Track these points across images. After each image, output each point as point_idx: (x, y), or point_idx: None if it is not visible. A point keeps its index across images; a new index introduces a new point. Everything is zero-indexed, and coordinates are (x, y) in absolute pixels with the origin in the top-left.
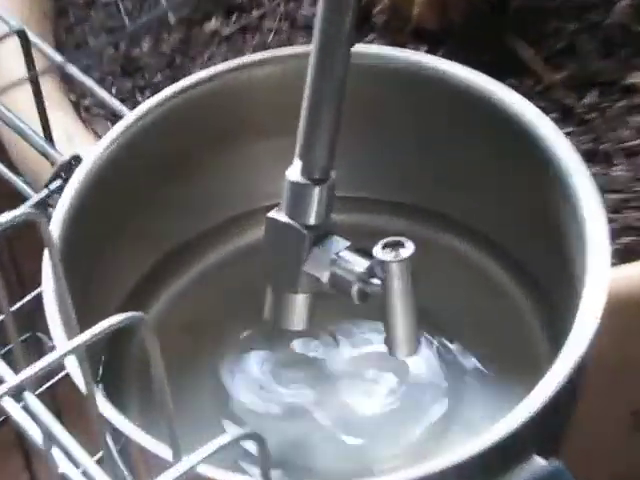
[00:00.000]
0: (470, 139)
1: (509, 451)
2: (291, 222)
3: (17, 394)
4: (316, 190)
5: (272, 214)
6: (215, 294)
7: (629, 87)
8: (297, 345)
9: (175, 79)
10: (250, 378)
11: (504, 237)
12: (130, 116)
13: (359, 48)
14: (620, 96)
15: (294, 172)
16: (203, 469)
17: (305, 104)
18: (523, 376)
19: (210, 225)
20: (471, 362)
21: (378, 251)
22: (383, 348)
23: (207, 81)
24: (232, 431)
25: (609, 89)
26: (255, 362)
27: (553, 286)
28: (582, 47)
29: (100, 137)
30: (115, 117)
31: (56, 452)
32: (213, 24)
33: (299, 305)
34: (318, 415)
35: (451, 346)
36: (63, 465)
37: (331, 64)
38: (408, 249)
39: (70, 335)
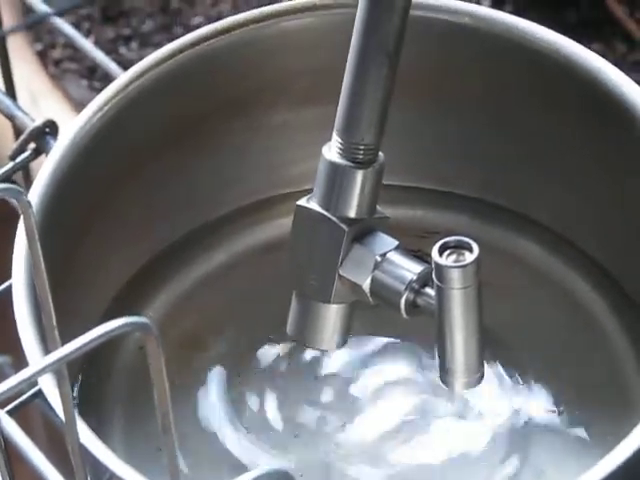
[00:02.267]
0: (557, 119)
1: None
2: (327, 213)
3: None
4: (359, 174)
5: (303, 202)
6: (222, 300)
7: None
8: (322, 366)
9: (170, 27)
10: (262, 402)
11: (594, 245)
12: (122, 78)
13: None
14: None
15: (332, 150)
16: None
17: (350, 65)
18: (610, 420)
19: (218, 215)
20: (545, 401)
21: (436, 254)
22: (436, 377)
23: (222, 33)
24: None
25: None
26: (271, 383)
27: None
28: None
29: (71, 98)
30: (91, 74)
31: None
32: None
33: (332, 318)
34: (343, 454)
35: (520, 379)
36: None
37: (385, 14)
38: (473, 252)
39: (48, 346)
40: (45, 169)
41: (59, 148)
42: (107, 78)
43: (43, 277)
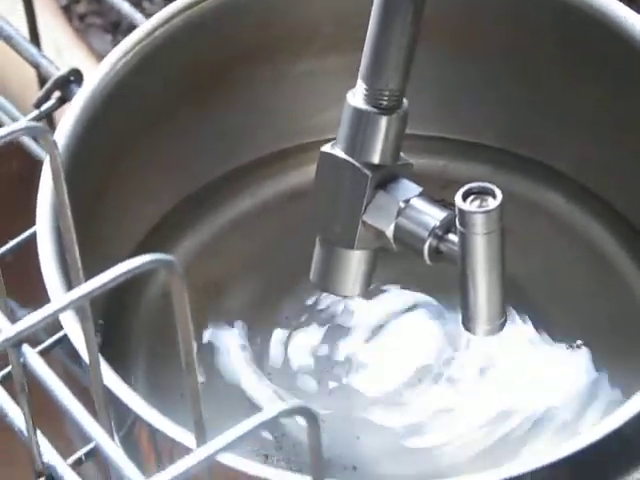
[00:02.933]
0: (582, 71)
1: (616, 455)
2: (350, 159)
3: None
4: (384, 120)
5: (326, 148)
6: (245, 248)
7: None
8: (343, 316)
9: None
10: (286, 354)
11: (617, 195)
12: (147, 24)
13: None
14: None
15: (357, 96)
16: (228, 459)
17: (375, 11)
18: (630, 368)
19: (242, 162)
20: (567, 349)
21: (459, 199)
22: (459, 324)
23: None
24: (275, 406)
25: None
26: (294, 335)
27: None
28: None
29: (95, 52)
30: (115, 29)
31: None
32: None
33: (355, 265)
34: (364, 402)
35: (543, 327)
36: None
37: None
38: (497, 198)
39: (73, 285)
40: (69, 114)
41: (84, 93)
42: (131, 31)
43: (68, 217)
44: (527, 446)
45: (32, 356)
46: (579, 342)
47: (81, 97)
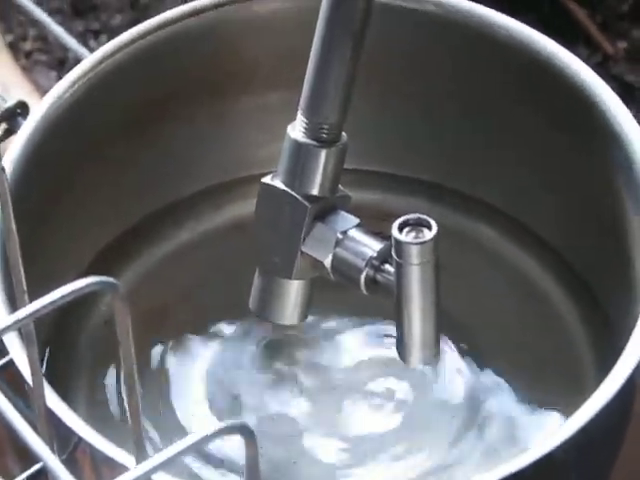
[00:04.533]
0: (516, 106)
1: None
2: (290, 191)
3: None
4: (323, 153)
5: (267, 180)
6: (186, 277)
7: None
8: (286, 344)
9: (139, 22)
10: (225, 382)
11: (549, 229)
12: (92, 57)
13: None
14: None
15: (296, 129)
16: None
17: (316, 46)
18: (560, 396)
19: (185, 195)
20: (500, 378)
21: (396, 230)
22: (393, 354)
23: (191, 15)
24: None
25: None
26: (233, 362)
27: (606, 291)
28: None
29: (41, 88)
30: (61, 66)
31: None
32: None
33: (294, 294)
34: (308, 431)
35: (475, 357)
36: None
37: None
38: (432, 230)
39: (18, 306)
40: (15, 144)
41: (30, 123)
42: None
43: (15, 240)
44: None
45: None
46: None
47: (27, 127)
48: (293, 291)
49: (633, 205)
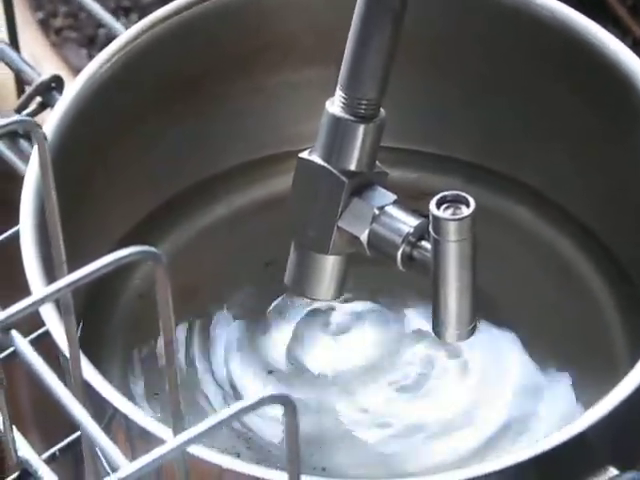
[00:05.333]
0: (554, 85)
1: (578, 459)
2: (327, 166)
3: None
4: (361, 128)
5: (304, 155)
6: (223, 251)
7: None
8: (319, 319)
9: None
10: (256, 359)
11: (586, 211)
12: (127, 33)
13: None
14: None
15: (335, 105)
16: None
17: (355, 22)
18: (595, 377)
19: (219, 170)
20: (534, 358)
21: (433, 207)
22: (428, 329)
23: None
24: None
25: None
26: (266, 336)
27: None
28: None
29: (71, 65)
30: (91, 43)
31: None
32: None
33: (329, 269)
34: (338, 406)
35: (511, 336)
36: None
37: None
38: (470, 207)
39: (57, 277)
40: (53, 116)
41: (67, 96)
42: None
43: (55, 210)
44: (492, 451)
45: (21, 342)
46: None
47: (63, 102)
48: (329, 266)
49: None
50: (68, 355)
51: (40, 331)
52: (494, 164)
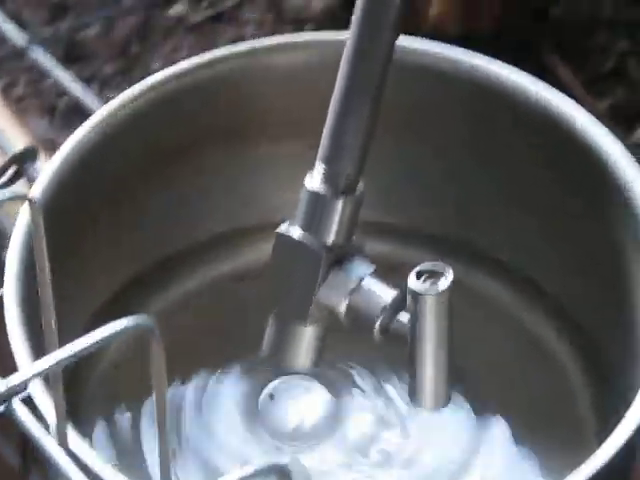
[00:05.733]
0: (526, 163)
1: None
2: (306, 240)
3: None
4: (340, 203)
5: (283, 229)
6: (198, 321)
7: None
8: (289, 387)
9: (130, 71)
10: (222, 431)
11: (556, 286)
12: (109, 105)
13: (404, 41)
14: None
15: (315, 179)
16: None
17: (336, 97)
18: (563, 450)
19: (198, 240)
20: (504, 430)
21: (412, 280)
22: (402, 402)
23: (208, 66)
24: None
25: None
26: (235, 408)
27: (610, 348)
28: (633, 71)
29: (33, 134)
30: (52, 111)
31: None
32: (179, 9)
33: (307, 340)
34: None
35: (481, 409)
36: None
37: (372, 51)
38: (447, 279)
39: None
40: (36, 185)
41: (52, 164)
42: (67, 115)
43: (47, 280)
44: None
45: (22, 410)
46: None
47: (48, 169)
48: (307, 337)
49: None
50: (55, 427)
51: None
52: (466, 237)
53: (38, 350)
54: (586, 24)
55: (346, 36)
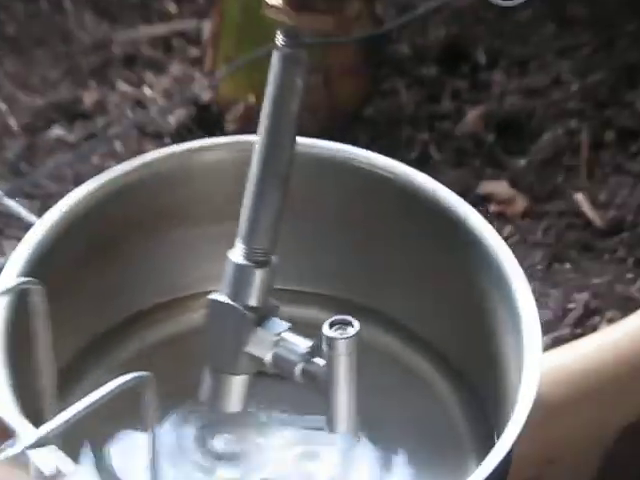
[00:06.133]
0: (409, 235)
1: None
2: (233, 303)
3: None
4: (258, 272)
5: (214, 296)
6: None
7: (483, 197)
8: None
9: (20, 188)
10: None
11: (438, 337)
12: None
13: (301, 140)
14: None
15: (236, 254)
16: None
17: (250, 189)
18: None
19: (137, 309)
20: (399, 456)
21: (326, 328)
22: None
23: (133, 171)
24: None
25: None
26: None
27: (481, 382)
28: (434, 156)
29: None
30: None
31: None
32: (57, 131)
33: (238, 386)
34: None
35: (378, 439)
36: None
37: (278, 148)
38: (355, 327)
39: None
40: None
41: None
42: None
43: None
44: None
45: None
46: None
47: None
48: (237, 384)
49: (505, 317)
50: None
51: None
52: (361, 298)
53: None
54: (393, 120)
55: (255, 138)
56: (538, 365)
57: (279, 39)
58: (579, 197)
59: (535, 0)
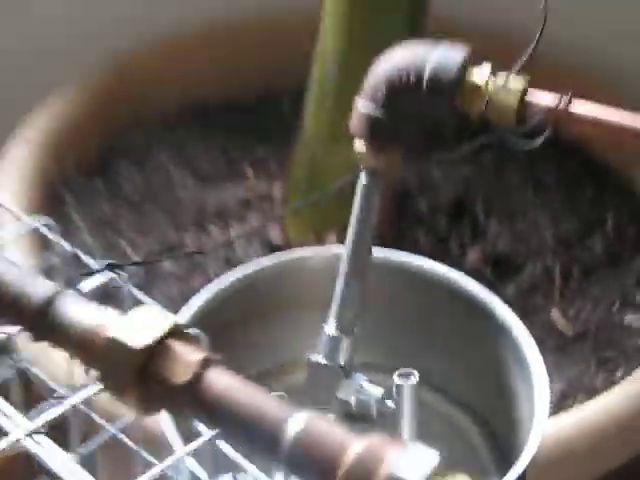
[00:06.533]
0: (447, 321)
1: None
2: (328, 363)
3: None
4: (345, 340)
5: (313, 358)
6: None
7: None
8: None
9: None
10: None
11: (465, 391)
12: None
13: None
14: None
15: (330, 327)
16: None
17: (340, 282)
18: None
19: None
20: None
21: (396, 377)
22: None
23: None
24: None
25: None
26: None
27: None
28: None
29: None
30: None
31: None
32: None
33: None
34: None
35: None
36: None
37: (360, 255)
38: (415, 377)
39: None
40: None
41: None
42: None
43: None
44: None
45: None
46: None
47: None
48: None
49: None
50: None
51: None
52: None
53: None
54: None
55: (343, 249)
56: (545, 417)
57: (363, 175)
58: (554, 313)
59: (517, 172)
